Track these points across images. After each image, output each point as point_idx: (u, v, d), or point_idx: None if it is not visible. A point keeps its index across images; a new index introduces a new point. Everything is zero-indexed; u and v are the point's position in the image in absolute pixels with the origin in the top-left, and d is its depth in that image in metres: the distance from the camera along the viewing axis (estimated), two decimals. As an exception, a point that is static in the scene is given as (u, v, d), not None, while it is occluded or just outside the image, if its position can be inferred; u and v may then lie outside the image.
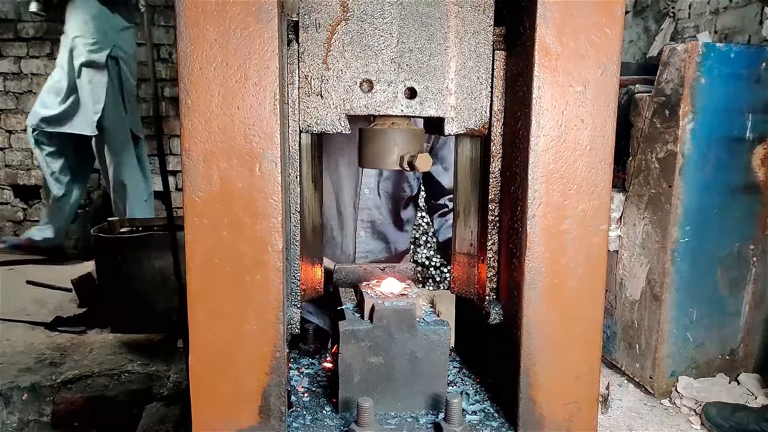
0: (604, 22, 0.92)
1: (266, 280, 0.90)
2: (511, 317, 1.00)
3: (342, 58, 0.99)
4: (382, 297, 1.09)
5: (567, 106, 0.93)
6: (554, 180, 0.94)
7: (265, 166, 0.88)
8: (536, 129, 0.93)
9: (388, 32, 1.00)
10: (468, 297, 1.16)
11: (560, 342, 0.98)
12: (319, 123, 1.01)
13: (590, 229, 0.96)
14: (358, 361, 1.03)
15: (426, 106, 1.02)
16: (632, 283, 2.34)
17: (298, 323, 1.03)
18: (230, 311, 0.90)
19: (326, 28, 0.99)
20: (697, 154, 2.12)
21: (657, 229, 2.21)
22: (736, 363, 2.33)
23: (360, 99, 1.01)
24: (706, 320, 2.25)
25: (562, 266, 0.96)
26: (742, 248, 2.25)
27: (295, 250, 1.06)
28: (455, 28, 1.01)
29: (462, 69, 1.02)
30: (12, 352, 2.37)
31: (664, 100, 2.17)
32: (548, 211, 0.95)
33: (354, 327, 1.03)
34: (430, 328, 1.05)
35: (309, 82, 1.00)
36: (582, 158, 0.95)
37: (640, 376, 2.29)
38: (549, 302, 0.96)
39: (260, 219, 0.89)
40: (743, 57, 2.14)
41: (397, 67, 1.00)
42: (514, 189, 0.99)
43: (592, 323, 0.99)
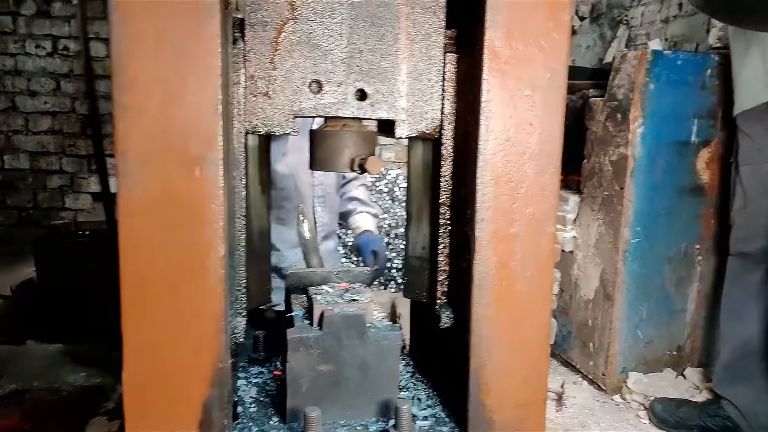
0: (551, 27, 0.93)
1: (207, 288, 0.86)
2: (462, 321, 1.00)
3: (290, 58, 0.96)
4: (332, 303, 1.06)
5: (515, 110, 0.93)
6: (503, 183, 0.94)
7: (205, 169, 0.85)
8: (485, 133, 0.92)
9: (338, 32, 0.98)
10: (421, 301, 1.15)
11: (509, 345, 0.98)
12: (265, 124, 0.98)
13: (539, 232, 0.97)
14: (307, 370, 1.01)
15: (377, 108, 1.00)
16: (586, 283, 2.39)
17: (243, 332, 1.00)
18: (168, 321, 0.86)
19: (273, 27, 0.96)
20: (646, 157, 2.18)
21: (609, 230, 2.26)
22: (683, 358, 2.42)
23: (309, 100, 0.98)
24: (655, 318, 2.32)
25: (511, 269, 0.96)
26: (689, 248, 2.33)
27: (240, 256, 1.02)
28: (406, 30, 1.00)
29: (413, 71, 1.01)
30: (-55, 365, 2.24)
31: (616, 104, 2.22)
32: (497, 215, 0.94)
33: (302, 334, 1.00)
34: (381, 333, 1.03)
35: (255, 82, 0.97)
36: (530, 162, 0.95)
37: (594, 374, 2.34)
38: (498, 305, 0.96)
39: (200, 224, 0.85)
40: (690, 64, 2.21)
41: (347, 68, 0.98)
42: (463, 192, 0.98)
43: (541, 325, 0.99)
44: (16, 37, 5.39)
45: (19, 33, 5.39)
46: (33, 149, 5.58)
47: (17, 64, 5.42)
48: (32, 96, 5.48)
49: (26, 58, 5.40)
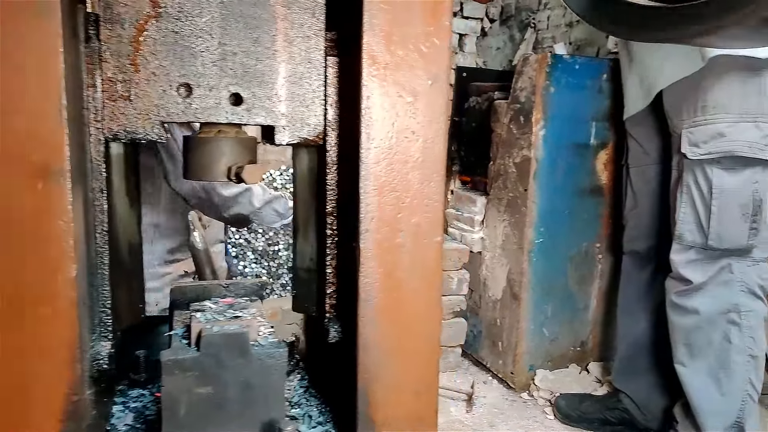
0: (432, 31, 0.90)
1: (56, 313, 0.77)
2: (349, 335, 0.96)
3: (154, 59, 0.88)
4: (212, 320, 0.99)
5: (397, 117, 0.90)
6: (386, 193, 0.91)
7: (51, 182, 0.75)
8: (366, 140, 0.89)
9: (208, 33, 0.90)
10: (310, 315, 1.10)
11: (398, 358, 0.95)
12: (128, 131, 0.90)
13: (425, 242, 0.94)
14: (184, 394, 0.93)
15: (254, 113, 0.94)
16: (494, 283, 2.43)
17: (107, 358, 0.91)
18: (12, 352, 0.76)
19: (133, 25, 0.88)
20: (548, 159, 2.25)
21: (515, 231, 2.31)
22: (586, 354, 2.52)
23: (177, 105, 0.91)
24: (559, 315, 2.40)
25: (398, 281, 0.93)
26: (590, 247, 2.43)
27: (104, 275, 0.93)
28: (284, 32, 0.94)
29: (293, 75, 0.96)
30: None
31: (519, 107, 2.27)
32: (381, 225, 0.91)
33: (178, 356, 0.92)
34: (265, 351, 0.97)
35: (114, 86, 0.88)
36: (414, 171, 0.92)
37: (503, 372, 2.38)
38: (385, 318, 0.93)
39: (47, 244, 0.76)
40: (587, 68, 2.30)
41: (219, 70, 0.92)
42: (348, 202, 0.94)
43: (430, 337, 0.97)
44: None
45: None
46: None
47: None
48: None
49: None
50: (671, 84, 1.78)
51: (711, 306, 1.81)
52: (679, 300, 1.84)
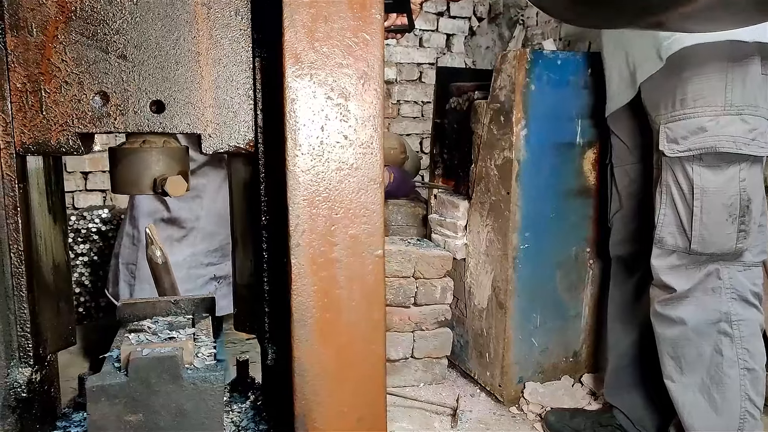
0: (361, 26, 0.84)
1: (-45, 343, 0.72)
2: (285, 358, 0.89)
3: (65, 67, 0.83)
4: (145, 342, 0.93)
5: (327, 121, 0.84)
6: (318, 203, 0.84)
7: (-57, 200, 0.70)
8: (293, 147, 0.82)
9: (123, 36, 0.85)
10: (252, 334, 1.03)
11: (338, 382, 0.88)
12: (41, 143, 0.84)
13: (364, 255, 0.87)
14: (112, 422, 0.87)
15: (177, 121, 0.88)
16: (479, 291, 2.35)
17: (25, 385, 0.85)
18: None
19: (41, 30, 0.82)
20: (531, 160, 2.17)
21: (499, 236, 2.23)
22: (580, 365, 2.41)
23: (94, 114, 0.85)
24: (549, 324, 2.30)
25: (335, 298, 0.86)
26: (579, 251, 2.34)
27: (21, 298, 0.87)
28: (207, 33, 0.88)
29: (218, 79, 0.89)
30: None
31: (499, 106, 2.20)
32: (314, 239, 0.84)
33: (104, 382, 0.86)
34: (199, 375, 0.90)
35: (24, 96, 0.82)
36: (348, 178, 0.86)
37: (491, 385, 2.29)
38: (322, 340, 0.86)
39: (-59, 267, 0.70)
40: (570, 64, 2.21)
41: (137, 77, 0.86)
42: (279, 215, 0.88)
43: (374, 358, 0.90)
44: None
45: None
46: None
47: None
48: None
49: None
50: (650, 75, 1.69)
51: (699, 315, 1.67)
52: (663, 309, 1.73)
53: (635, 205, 1.94)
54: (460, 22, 4.63)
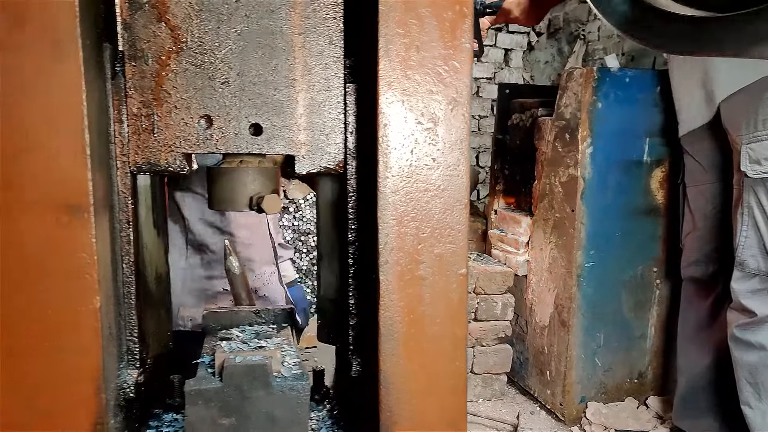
0: (451, 54, 0.87)
1: (80, 344, 0.79)
2: (371, 371, 0.92)
3: (175, 93, 0.90)
4: (236, 350, 0.99)
5: (416, 145, 0.87)
6: (406, 223, 0.88)
7: (74, 217, 0.77)
8: (384, 169, 0.86)
9: (227, 65, 0.91)
10: (335, 345, 1.07)
11: (422, 397, 0.90)
12: (152, 163, 0.91)
13: (448, 274, 0.90)
14: (207, 425, 0.92)
15: (273, 143, 0.94)
16: (541, 309, 2.33)
17: (134, 386, 0.92)
18: (40, 384, 0.78)
19: (156, 60, 0.89)
20: (597, 178, 2.14)
21: (562, 254, 2.21)
22: (645, 386, 2.35)
23: (198, 136, 0.91)
24: (613, 344, 2.26)
25: (420, 315, 0.89)
26: (646, 271, 2.28)
27: (131, 305, 0.94)
28: (303, 60, 0.94)
29: (312, 104, 0.95)
30: None
31: (564, 124, 2.19)
32: (401, 257, 0.88)
33: (201, 386, 0.92)
34: (287, 384, 0.95)
35: (139, 119, 0.90)
36: (435, 199, 0.89)
37: (552, 403, 2.26)
38: (407, 354, 0.89)
39: (70, 276, 0.78)
40: (639, 81, 2.19)
41: (239, 101, 0.92)
42: (368, 232, 0.92)
43: (455, 374, 0.92)
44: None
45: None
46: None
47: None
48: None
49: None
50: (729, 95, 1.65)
51: None
52: (742, 334, 1.67)
53: (711, 226, 1.89)
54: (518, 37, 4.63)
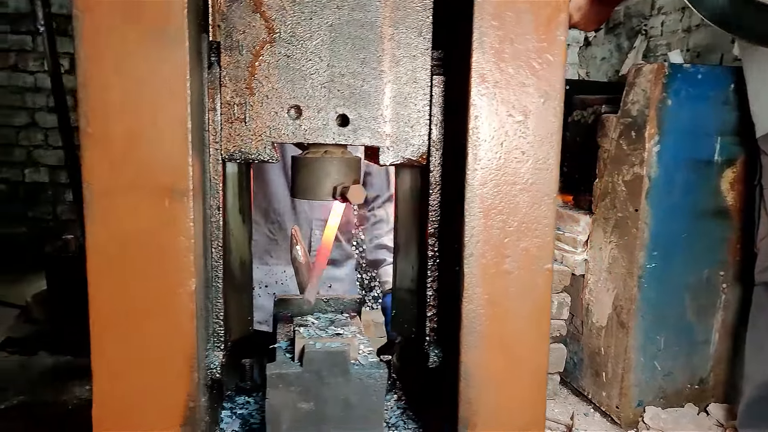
0: (545, 47, 0.86)
1: (177, 324, 0.82)
2: (450, 362, 0.93)
3: (267, 83, 0.92)
4: (315, 337, 1.00)
5: (506, 137, 0.87)
6: (493, 216, 0.88)
7: (175, 201, 0.80)
8: (473, 161, 0.86)
9: (317, 55, 0.93)
10: (409, 337, 1.08)
11: (503, 390, 0.90)
12: (243, 151, 0.93)
13: (533, 268, 0.89)
14: (287, 408, 0.94)
15: (359, 134, 0.95)
16: (599, 309, 2.28)
17: (220, 367, 0.94)
18: (136, 360, 0.82)
19: (250, 51, 0.91)
20: (664, 177, 2.08)
21: (624, 254, 2.15)
22: (706, 393, 2.27)
23: (288, 126, 0.93)
24: (674, 348, 2.19)
25: (504, 309, 0.89)
26: (712, 274, 2.21)
27: (218, 289, 0.97)
28: (390, 52, 0.94)
29: (398, 95, 0.95)
30: (-42, 374, 2.25)
31: (631, 121, 2.13)
32: (487, 250, 0.88)
33: (282, 370, 0.94)
34: (365, 371, 0.96)
35: (232, 108, 0.92)
36: (523, 193, 0.88)
37: (607, 405, 2.22)
38: (489, 348, 0.89)
39: (169, 259, 0.81)
40: (711, 78, 2.11)
41: (327, 92, 0.93)
42: (452, 224, 0.92)
43: (537, 370, 0.92)
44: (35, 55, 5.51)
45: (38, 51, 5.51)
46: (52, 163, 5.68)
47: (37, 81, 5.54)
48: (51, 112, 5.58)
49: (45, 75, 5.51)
50: None
51: None
52: None
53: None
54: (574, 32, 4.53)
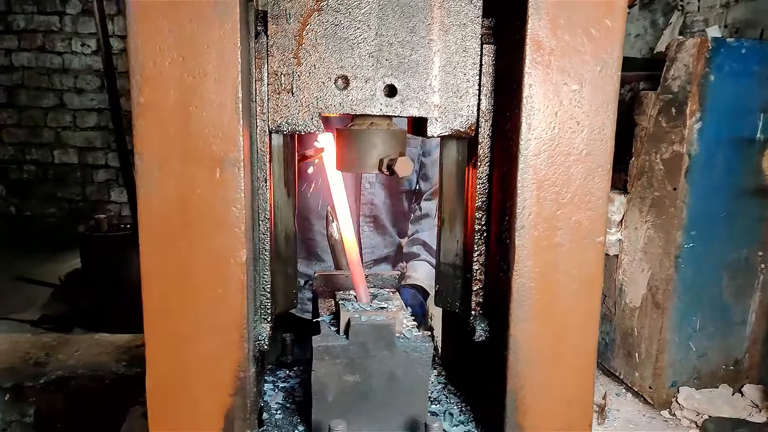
0: (603, 13, 0.83)
1: (228, 295, 0.82)
2: (498, 335, 0.92)
3: (315, 52, 0.90)
4: (360, 310, 1.00)
5: (561, 107, 0.85)
6: (546, 188, 0.86)
7: (226, 171, 0.80)
8: (526, 131, 0.84)
9: (365, 24, 0.91)
10: (453, 311, 1.07)
11: (551, 364, 0.89)
12: (289, 123, 0.93)
13: (585, 242, 0.88)
14: (333, 380, 0.95)
15: (407, 105, 0.93)
16: (632, 290, 2.25)
17: (267, 339, 0.95)
18: (189, 330, 0.82)
19: (297, 20, 0.90)
20: (704, 155, 2.03)
21: (660, 234, 2.11)
22: (741, 374, 2.24)
23: (335, 97, 0.92)
24: (709, 329, 2.16)
25: (554, 282, 0.88)
26: (750, 254, 2.16)
27: (265, 261, 0.97)
28: (440, 20, 0.92)
29: (447, 65, 0.93)
30: (-3, 350, 2.31)
31: (671, 98, 2.07)
32: (539, 222, 0.86)
33: (328, 343, 0.95)
34: (410, 344, 0.96)
35: (279, 79, 0.91)
36: (577, 164, 0.86)
37: (639, 386, 2.20)
38: (539, 321, 0.88)
39: (221, 229, 0.81)
40: (756, 53, 2.03)
41: (375, 62, 0.92)
42: (502, 197, 0.90)
43: (586, 344, 0.90)
44: (63, 35, 5.57)
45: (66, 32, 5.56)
46: (81, 144, 5.77)
47: (64, 62, 5.61)
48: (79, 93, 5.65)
49: (72, 56, 5.57)
50: None
51: None
52: None
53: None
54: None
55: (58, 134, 5.76)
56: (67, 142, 5.79)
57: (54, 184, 5.84)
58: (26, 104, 5.60)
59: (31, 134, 5.71)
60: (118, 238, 2.98)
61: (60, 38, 5.60)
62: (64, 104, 5.71)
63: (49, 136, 5.75)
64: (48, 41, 5.60)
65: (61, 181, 5.85)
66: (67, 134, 5.77)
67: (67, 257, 4.88)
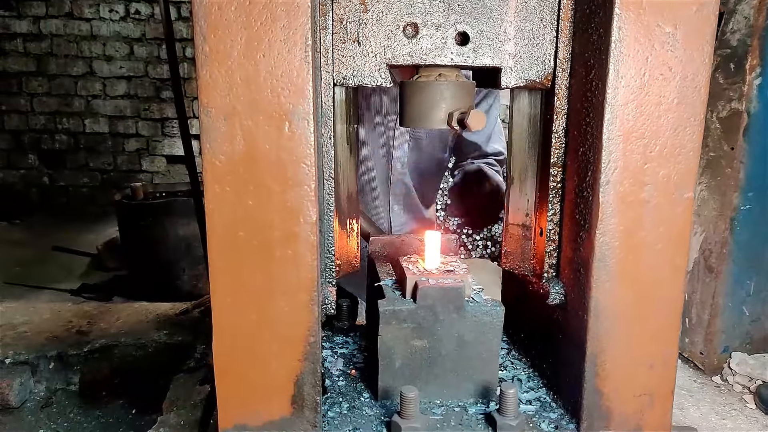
0: (702, -55, 0.76)
1: (298, 255, 0.79)
2: (576, 298, 0.88)
3: (383, -3, 0.85)
4: (425, 273, 0.97)
5: (653, 51, 0.78)
6: (633, 140, 0.80)
7: (295, 124, 0.76)
8: (614, 79, 0.78)
9: (435, -36, 0.85)
10: (522, 273, 1.03)
11: (633, 327, 0.85)
12: (356, 74, 0.88)
13: (673, 197, 0.82)
14: (400, 345, 0.92)
15: (480, 53, 0.88)
16: (684, 254, 2.18)
17: (333, 303, 0.92)
18: (258, 291, 0.80)
19: (364, -38, 0.84)
20: (764, 113, 1.92)
21: (715, 195, 2.03)
22: (796, 339, 2.18)
23: (403, 46, 0.87)
24: (763, 293, 2.09)
25: (639, 241, 0.83)
26: (810, 217, 2.07)
27: (329, 221, 0.94)
28: (516, -40, 0.85)
29: (522, 9, 0.87)
30: (39, 320, 2.34)
31: (729, 52, 1.96)
32: (625, 177, 0.81)
33: (395, 307, 0.91)
34: (481, 308, 0.93)
35: (344, 27, 0.86)
36: (667, 114, 0.80)
37: (690, 352, 2.15)
38: (621, 282, 0.84)
39: (291, 186, 0.77)
40: (821, 3, 1.90)
41: (446, 7, 0.86)
42: (583, 151, 0.85)
43: (671, 306, 0.86)
44: (91, 1, 5.52)
45: (93, -4, 5.50)
46: (111, 113, 5.79)
47: (92, 29, 5.58)
48: (108, 61, 5.63)
49: (101, 22, 5.54)
50: None
51: None
52: None
53: None
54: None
55: (89, 103, 5.77)
56: (98, 111, 5.81)
57: (86, 154, 5.89)
58: (56, 72, 5.61)
59: (62, 103, 5.74)
60: (155, 206, 2.99)
61: (88, 4, 5.56)
62: (93, 72, 5.71)
63: (79, 105, 5.78)
64: (76, 7, 5.57)
65: (93, 150, 5.89)
66: (97, 103, 5.78)
67: (100, 227, 4.95)
